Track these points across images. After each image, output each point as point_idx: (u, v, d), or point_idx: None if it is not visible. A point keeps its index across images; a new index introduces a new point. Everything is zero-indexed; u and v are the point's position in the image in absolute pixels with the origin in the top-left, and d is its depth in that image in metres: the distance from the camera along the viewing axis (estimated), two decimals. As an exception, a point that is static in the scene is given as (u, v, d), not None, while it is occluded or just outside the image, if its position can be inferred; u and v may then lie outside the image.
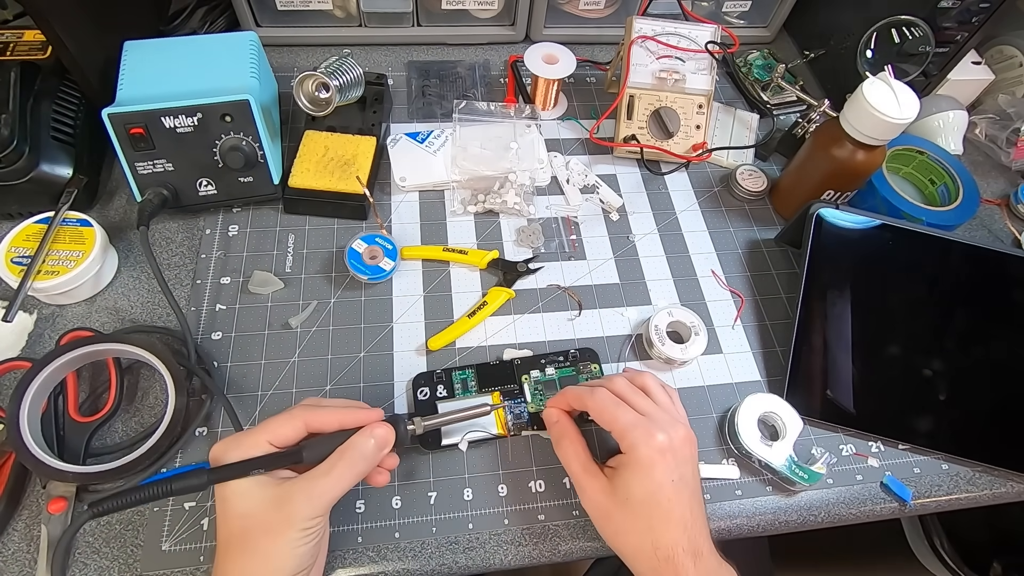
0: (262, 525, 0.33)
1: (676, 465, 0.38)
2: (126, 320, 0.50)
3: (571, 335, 0.53)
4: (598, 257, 0.57)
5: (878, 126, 0.50)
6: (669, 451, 0.38)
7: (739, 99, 0.72)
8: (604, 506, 0.39)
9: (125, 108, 0.48)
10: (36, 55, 0.54)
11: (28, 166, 0.50)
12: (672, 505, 0.37)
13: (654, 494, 0.37)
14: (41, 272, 0.47)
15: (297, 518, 0.33)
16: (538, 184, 0.61)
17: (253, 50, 0.56)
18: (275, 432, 0.36)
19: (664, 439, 0.38)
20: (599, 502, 0.39)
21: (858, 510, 0.47)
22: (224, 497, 0.34)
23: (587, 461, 0.41)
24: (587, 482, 0.40)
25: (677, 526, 0.37)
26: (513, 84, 0.69)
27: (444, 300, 0.53)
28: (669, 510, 0.37)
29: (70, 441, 0.43)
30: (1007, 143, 0.70)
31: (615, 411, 0.40)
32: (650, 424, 0.39)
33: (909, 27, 0.62)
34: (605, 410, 0.40)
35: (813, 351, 0.52)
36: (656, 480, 0.37)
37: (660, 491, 0.37)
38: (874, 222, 0.56)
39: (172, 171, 0.51)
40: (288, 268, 0.54)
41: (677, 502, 0.38)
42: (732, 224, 0.61)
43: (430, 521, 0.43)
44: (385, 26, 0.70)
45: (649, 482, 0.37)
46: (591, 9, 0.72)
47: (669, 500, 0.37)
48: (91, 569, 0.40)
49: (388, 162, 0.59)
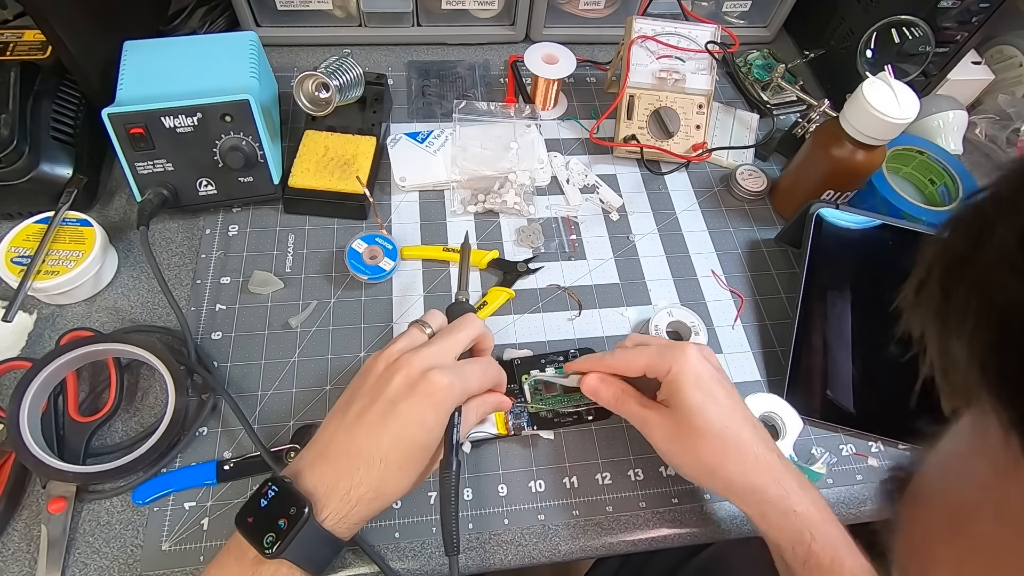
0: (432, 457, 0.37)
1: (715, 368, 0.40)
2: (126, 320, 0.50)
3: (571, 335, 0.53)
4: (598, 257, 0.57)
5: (878, 126, 0.50)
6: (702, 356, 0.40)
7: (739, 99, 0.72)
8: (673, 431, 0.39)
9: (125, 108, 0.48)
10: (36, 55, 0.54)
11: (28, 166, 0.50)
12: (731, 404, 0.38)
13: (711, 395, 0.38)
14: (41, 272, 0.47)
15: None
16: (538, 184, 0.61)
17: (253, 50, 0.56)
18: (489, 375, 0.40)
19: (694, 349, 0.40)
20: (666, 429, 0.39)
21: (858, 510, 0.47)
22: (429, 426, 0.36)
23: (644, 399, 0.41)
24: (651, 415, 0.40)
25: (744, 423, 0.38)
26: (513, 84, 0.69)
27: (444, 300, 0.53)
28: (732, 409, 0.38)
29: (70, 441, 0.43)
30: (1007, 143, 0.70)
31: (639, 354, 0.41)
32: (673, 347, 0.40)
33: (909, 27, 0.62)
34: (630, 358, 0.41)
35: (813, 351, 0.52)
36: (706, 381, 0.38)
37: (713, 391, 0.38)
38: (874, 222, 0.56)
39: (172, 171, 0.51)
40: (288, 268, 0.54)
41: (733, 401, 0.39)
42: (732, 224, 0.61)
43: (430, 521, 0.43)
44: (385, 26, 0.70)
45: (702, 386, 0.38)
46: (591, 9, 0.72)
47: (725, 399, 0.38)
48: (91, 569, 0.40)
49: (388, 162, 0.59)
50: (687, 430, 0.38)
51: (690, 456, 0.38)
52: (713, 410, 0.37)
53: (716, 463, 0.37)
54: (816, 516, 0.36)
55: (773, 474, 0.36)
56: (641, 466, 0.47)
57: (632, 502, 0.45)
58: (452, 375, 0.36)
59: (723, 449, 0.37)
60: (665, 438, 0.39)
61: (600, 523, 0.44)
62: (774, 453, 0.38)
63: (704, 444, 0.37)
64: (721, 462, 0.37)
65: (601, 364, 0.43)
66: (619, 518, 0.45)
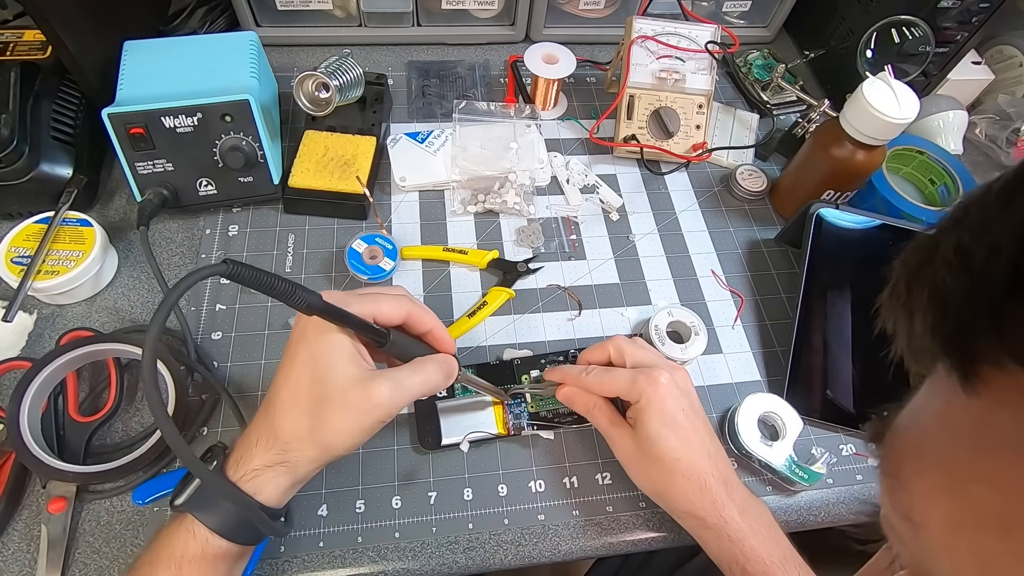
0: (338, 398, 0.33)
1: (682, 395, 0.41)
2: (126, 320, 0.50)
3: (571, 335, 0.53)
4: (598, 257, 0.57)
5: (878, 126, 0.50)
6: (672, 385, 0.41)
7: (739, 99, 0.72)
8: (632, 451, 0.41)
9: (125, 108, 0.48)
10: (36, 55, 0.54)
11: (28, 166, 0.50)
12: (690, 434, 0.40)
13: (670, 426, 0.40)
14: (41, 272, 0.47)
15: (377, 409, 0.34)
16: (538, 184, 0.61)
17: (253, 50, 0.56)
18: (381, 309, 0.36)
19: (666, 376, 0.41)
20: (627, 448, 0.41)
21: (858, 510, 0.47)
22: (316, 352, 0.34)
23: (613, 416, 0.43)
24: (616, 433, 0.42)
25: (700, 454, 0.40)
26: (513, 84, 0.69)
27: (444, 300, 0.53)
28: (688, 438, 0.40)
29: (70, 441, 0.43)
30: (1007, 143, 0.70)
31: (612, 377, 0.43)
32: (648, 370, 0.42)
33: (909, 27, 0.62)
34: (606, 382, 0.43)
35: (813, 351, 0.52)
36: (669, 411, 0.40)
37: (675, 422, 0.40)
38: (874, 222, 0.56)
39: (172, 171, 0.51)
40: (288, 268, 0.54)
41: (693, 431, 0.40)
42: (732, 224, 0.61)
43: (430, 521, 0.43)
44: (385, 26, 0.70)
45: (664, 416, 0.40)
46: (591, 9, 0.72)
47: (686, 429, 0.40)
48: (91, 569, 0.40)
49: (388, 162, 0.59)
50: (643, 454, 0.41)
51: (643, 476, 0.42)
52: (669, 442, 0.40)
53: (663, 488, 0.40)
54: (751, 540, 0.38)
55: (715, 505, 0.39)
56: (641, 466, 0.47)
57: (632, 502, 0.45)
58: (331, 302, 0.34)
59: (670, 478, 0.40)
60: (624, 455, 0.42)
61: (600, 523, 0.44)
62: (722, 484, 0.40)
63: (654, 470, 0.40)
64: (667, 488, 0.40)
65: (579, 382, 0.44)
66: (619, 518, 0.45)
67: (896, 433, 0.19)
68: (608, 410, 0.43)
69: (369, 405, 0.33)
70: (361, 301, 0.35)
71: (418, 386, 0.36)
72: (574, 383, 0.44)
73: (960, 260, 0.15)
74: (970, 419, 0.16)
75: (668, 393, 0.41)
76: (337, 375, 0.34)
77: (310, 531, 0.42)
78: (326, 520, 0.42)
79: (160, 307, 0.28)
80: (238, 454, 0.34)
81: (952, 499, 0.16)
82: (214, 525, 0.33)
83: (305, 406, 0.34)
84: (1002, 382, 0.14)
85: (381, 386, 0.34)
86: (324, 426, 0.33)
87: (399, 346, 0.37)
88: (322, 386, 0.34)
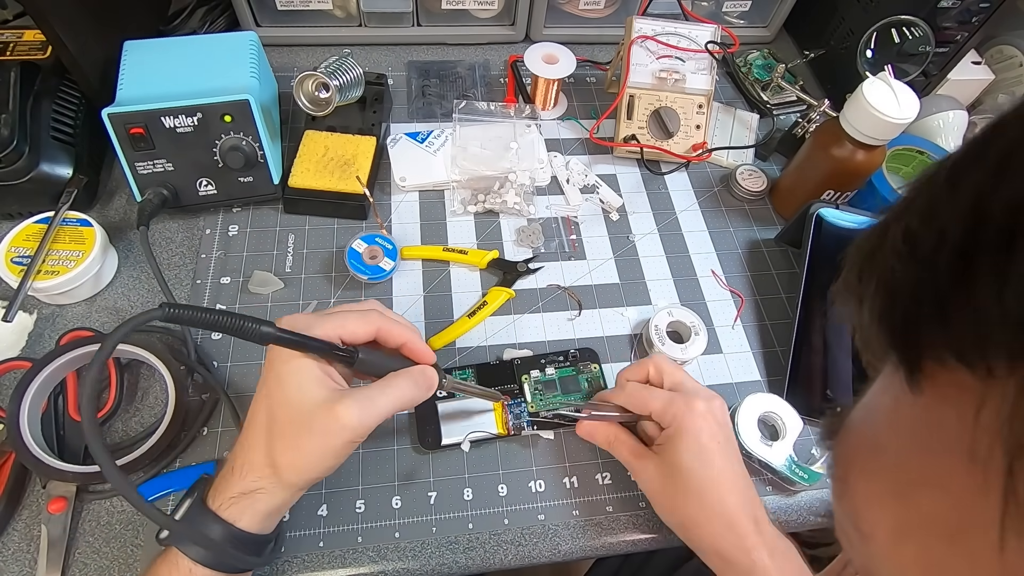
0: (306, 422, 0.33)
1: (719, 428, 0.40)
2: (126, 320, 0.50)
3: (571, 335, 0.53)
4: (598, 257, 0.57)
5: (878, 126, 0.50)
6: (709, 414, 0.39)
7: (739, 99, 0.72)
8: (659, 483, 0.39)
9: (125, 108, 0.48)
10: (36, 55, 0.54)
11: (28, 166, 0.50)
12: (723, 468, 0.38)
13: (702, 457, 0.38)
14: (41, 272, 0.47)
15: (344, 430, 0.33)
16: (538, 184, 0.61)
17: (253, 50, 0.56)
18: (349, 328, 0.35)
19: (703, 405, 0.40)
20: (653, 479, 0.40)
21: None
22: (280, 378, 0.33)
23: (636, 446, 0.42)
24: (640, 464, 0.41)
25: (731, 490, 0.38)
26: (513, 84, 0.69)
27: (444, 300, 0.53)
28: (721, 472, 0.38)
29: (70, 441, 0.43)
30: (1007, 143, 0.70)
31: (649, 395, 0.41)
32: (685, 395, 0.40)
33: (909, 27, 0.62)
34: (639, 398, 0.41)
35: (813, 351, 0.52)
36: (703, 443, 0.38)
37: (708, 454, 0.38)
38: (874, 222, 0.56)
39: (172, 171, 0.51)
40: (288, 268, 0.54)
41: (727, 465, 0.39)
42: (732, 224, 0.61)
43: (430, 521, 0.43)
44: (385, 26, 0.70)
45: (697, 447, 0.38)
46: (591, 9, 0.72)
47: (719, 463, 0.38)
48: (91, 569, 0.40)
49: (388, 162, 0.59)
50: (670, 484, 0.39)
51: (668, 509, 0.40)
52: (701, 475, 0.38)
53: (690, 524, 0.39)
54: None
55: (744, 546, 0.37)
56: (641, 466, 0.47)
57: (632, 502, 0.45)
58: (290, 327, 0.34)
59: (699, 513, 0.38)
60: (650, 487, 0.41)
61: (600, 523, 0.44)
62: (751, 522, 0.38)
63: (681, 503, 0.39)
64: (694, 524, 0.38)
65: (610, 396, 0.43)
66: (619, 518, 0.45)
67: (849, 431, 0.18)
68: (631, 441, 0.42)
69: (337, 427, 0.32)
70: (325, 322, 0.35)
71: (390, 402, 0.35)
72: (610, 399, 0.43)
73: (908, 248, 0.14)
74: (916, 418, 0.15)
75: (704, 423, 0.39)
76: (303, 399, 0.33)
77: (310, 531, 0.42)
78: (326, 520, 0.42)
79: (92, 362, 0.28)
80: (218, 482, 0.34)
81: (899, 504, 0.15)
82: (196, 556, 0.32)
83: (274, 433, 0.33)
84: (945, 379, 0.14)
85: (349, 407, 0.33)
86: (294, 452, 0.33)
87: (370, 363, 0.36)
88: (289, 411, 0.33)
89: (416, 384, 0.36)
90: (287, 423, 0.33)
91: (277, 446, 0.33)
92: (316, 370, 0.34)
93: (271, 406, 0.34)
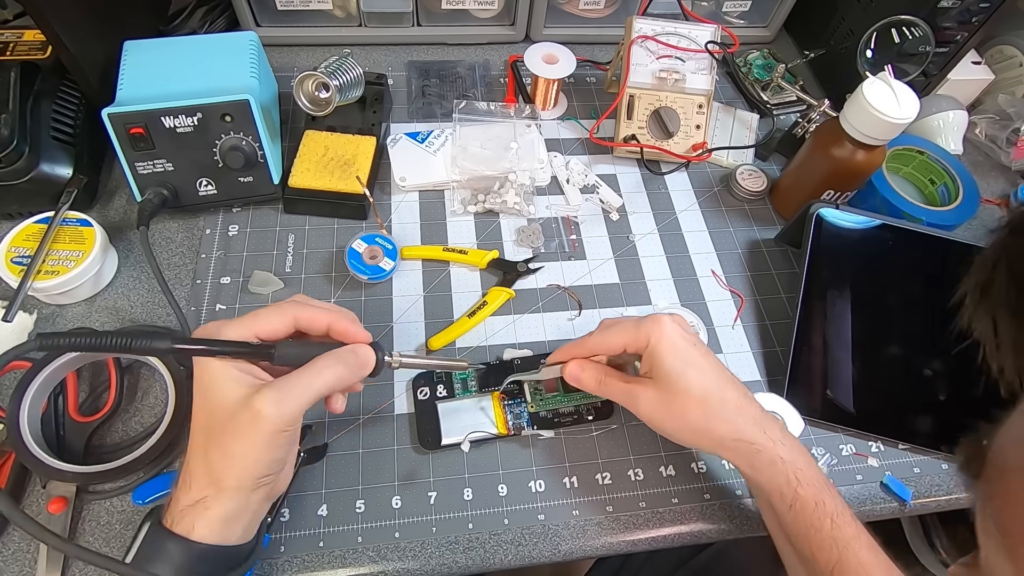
0: (229, 423, 0.32)
1: (688, 333, 0.41)
2: (126, 320, 0.50)
3: (571, 335, 0.53)
4: (598, 257, 0.57)
5: (878, 126, 0.50)
6: (674, 323, 0.41)
7: (739, 99, 0.72)
8: (657, 401, 0.40)
9: (125, 108, 0.48)
10: (36, 55, 0.54)
11: (28, 166, 0.50)
12: (709, 363, 0.40)
13: (688, 359, 0.39)
14: (41, 272, 0.47)
15: (264, 422, 0.32)
16: (538, 184, 0.61)
17: (253, 50, 0.56)
18: (262, 325, 0.35)
19: (665, 317, 0.41)
20: (651, 400, 0.40)
21: (858, 510, 0.47)
22: (201, 386, 0.33)
23: (626, 377, 0.42)
24: (635, 390, 0.41)
25: (726, 380, 0.40)
26: (513, 84, 0.69)
27: (444, 300, 0.53)
28: (710, 367, 0.40)
29: (70, 441, 0.43)
30: (1007, 143, 0.70)
31: (614, 330, 0.42)
32: (647, 319, 0.41)
33: (909, 27, 0.62)
34: (608, 338, 0.42)
35: (813, 351, 0.52)
36: (681, 346, 0.40)
37: (690, 355, 0.39)
38: (874, 222, 0.56)
39: (172, 171, 0.51)
40: (288, 268, 0.54)
41: (711, 363, 0.40)
42: (732, 224, 0.61)
43: (430, 521, 0.43)
44: (385, 26, 0.70)
45: (677, 351, 0.39)
46: (591, 9, 0.72)
47: (703, 359, 0.40)
48: (91, 569, 0.40)
49: (388, 162, 0.59)
50: (671, 396, 0.39)
51: (678, 421, 0.40)
52: (694, 374, 0.39)
53: (703, 424, 0.39)
54: (800, 461, 0.38)
55: (759, 425, 0.39)
56: (641, 466, 0.47)
57: (632, 502, 0.45)
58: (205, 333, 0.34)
59: (708, 410, 0.39)
60: (651, 408, 0.40)
61: (600, 523, 0.44)
62: (755, 406, 0.40)
63: (689, 408, 0.39)
64: (707, 422, 0.39)
65: (580, 349, 0.43)
66: (619, 518, 0.45)
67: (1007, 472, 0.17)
68: (619, 374, 0.42)
69: (258, 419, 0.32)
70: (237, 324, 0.34)
71: (311, 384, 0.34)
72: (578, 351, 0.43)
73: None
74: None
75: (674, 330, 0.40)
76: (223, 401, 0.33)
77: (310, 531, 0.42)
78: (326, 520, 0.42)
79: None
80: (170, 502, 0.34)
81: None
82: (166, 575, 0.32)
83: (207, 440, 0.33)
84: None
85: (264, 397, 0.32)
86: (224, 456, 0.33)
87: (289, 355, 0.35)
88: (213, 417, 0.33)
89: (343, 362, 0.35)
90: (215, 429, 0.33)
91: (212, 454, 0.33)
92: (231, 371, 0.33)
93: (199, 416, 0.34)
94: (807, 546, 0.37)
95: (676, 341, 0.40)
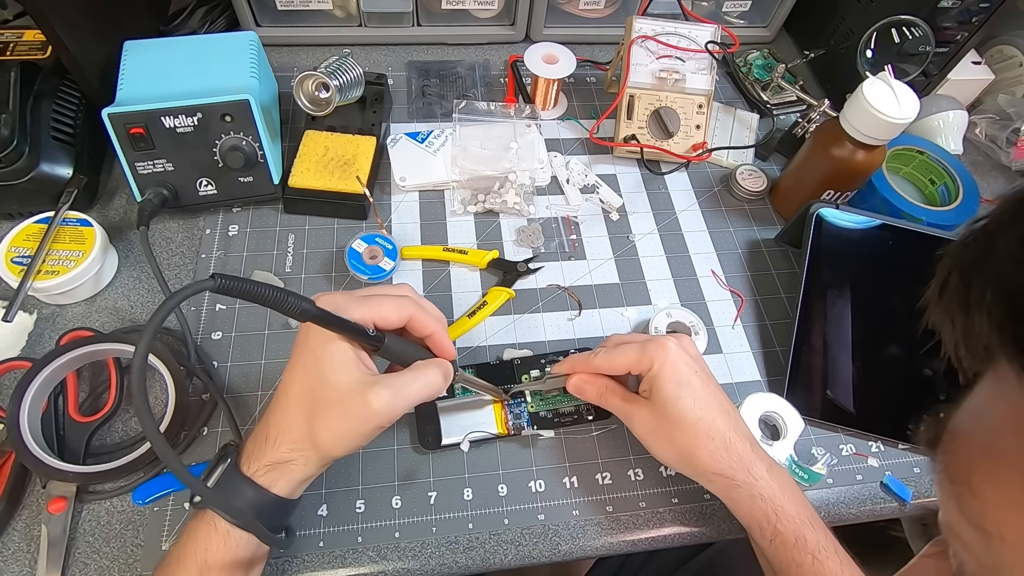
0: (338, 403, 0.34)
1: (693, 359, 0.42)
2: (126, 320, 0.50)
3: (571, 335, 0.53)
4: (598, 257, 0.57)
5: (878, 126, 0.50)
6: (681, 348, 0.41)
7: (739, 99, 0.72)
8: (652, 422, 0.41)
9: (125, 108, 0.48)
10: (36, 55, 0.54)
11: (28, 166, 0.50)
12: (707, 393, 0.40)
13: (687, 387, 0.40)
14: (41, 272, 0.47)
15: (375, 416, 0.34)
16: (538, 184, 0.61)
17: (253, 50, 0.56)
18: (382, 313, 0.36)
19: (673, 342, 0.41)
20: (647, 420, 0.41)
21: (858, 510, 0.47)
22: (318, 358, 0.35)
23: (626, 394, 0.43)
24: (632, 409, 0.42)
25: (720, 413, 0.40)
26: (513, 84, 0.69)
27: (444, 300, 0.53)
28: (706, 397, 0.40)
29: (70, 441, 0.43)
30: (1007, 143, 0.70)
31: (620, 351, 0.42)
32: (655, 338, 0.42)
33: (909, 27, 0.62)
34: (614, 358, 0.42)
35: (813, 351, 0.52)
36: (683, 373, 0.40)
37: (690, 383, 0.40)
38: (874, 222, 0.56)
39: (172, 171, 0.51)
40: (288, 268, 0.54)
41: (709, 392, 0.41)
42: (732, 224, 0.61)
43: (430, 521, 0.43)
44: (385, 26, 0.70)
45: (678, 378, 0.40)
46: (591, 9, 0.72)
47: (702, 389, 0.40)
48: (91, 569, 0.40)
49: (388, 162, 0.59)
50: (664, 420, 0.40)
51: (667, 444, 0.41)
52: (688, 402, 0.40)
53: (689, 451, 0.40)
54: (781, 499, 0.39)
55: (743, 462, 0.39)
56: (641, 466, 0.47)
57: (632, 502, 0.45)
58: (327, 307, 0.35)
59: (695, 439, 0.39)
60: (644, 428, 0.41)
61: (600, 523, 0.44)
62: (746, 441, 0.40)
63: (678, 433, 0.40)
64: (693, 450, 0.39)
65: (587, 366, 0.44)
66: (619, 518, 0.45)
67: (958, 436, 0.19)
68: (620, 390, 0.43)
69: (368, 412, 0.34)
70: (361, 305, 0.36)
71: (417, 392, 0.36)
72: (584, 368, 0.44)
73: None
74: None
75: (679, 356, 0.41)
76: (338, 381, 0.34)
77: (310, 531, 0.42)
78: (326, 520, 0.42)
79: (146, 327, 0.28)
80: (250, 449, 0.35)
81: None
82: (233, 518, 0.33)
83: (313, 410, 0.34)
84: None
85: (379, 394, 0.34)
86: (331, 431, 0.34)
87: (395, 351, 0.37)
88: (324, 390, 0.34)
89: (443, 376, 0.38)
90: (325, 403, 0.34)
91: (316, 423, 0.34)
92: (351, 353, 0.35)
93: (309, 383, 0.35)
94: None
95: (679, 368, 0.40)
